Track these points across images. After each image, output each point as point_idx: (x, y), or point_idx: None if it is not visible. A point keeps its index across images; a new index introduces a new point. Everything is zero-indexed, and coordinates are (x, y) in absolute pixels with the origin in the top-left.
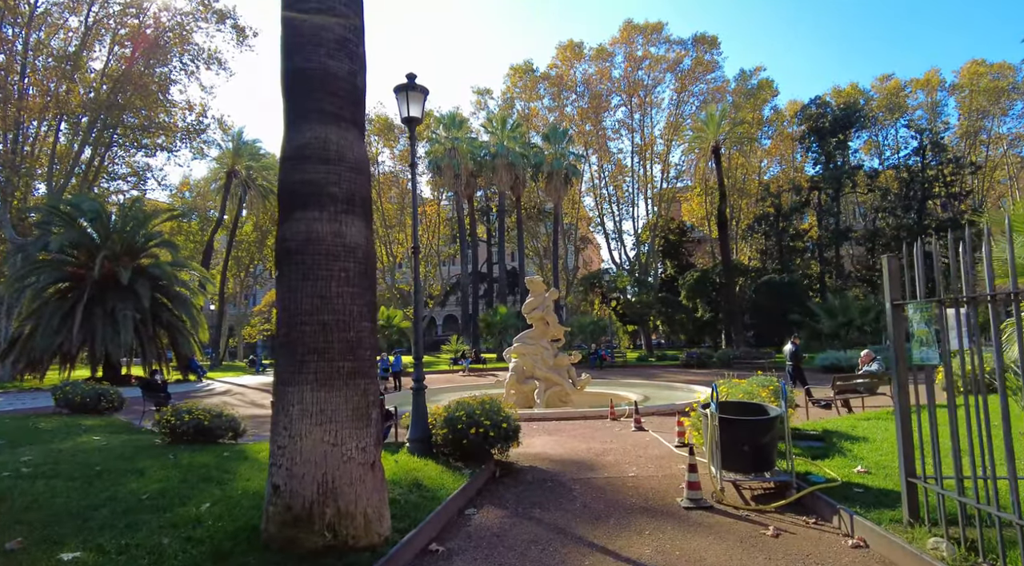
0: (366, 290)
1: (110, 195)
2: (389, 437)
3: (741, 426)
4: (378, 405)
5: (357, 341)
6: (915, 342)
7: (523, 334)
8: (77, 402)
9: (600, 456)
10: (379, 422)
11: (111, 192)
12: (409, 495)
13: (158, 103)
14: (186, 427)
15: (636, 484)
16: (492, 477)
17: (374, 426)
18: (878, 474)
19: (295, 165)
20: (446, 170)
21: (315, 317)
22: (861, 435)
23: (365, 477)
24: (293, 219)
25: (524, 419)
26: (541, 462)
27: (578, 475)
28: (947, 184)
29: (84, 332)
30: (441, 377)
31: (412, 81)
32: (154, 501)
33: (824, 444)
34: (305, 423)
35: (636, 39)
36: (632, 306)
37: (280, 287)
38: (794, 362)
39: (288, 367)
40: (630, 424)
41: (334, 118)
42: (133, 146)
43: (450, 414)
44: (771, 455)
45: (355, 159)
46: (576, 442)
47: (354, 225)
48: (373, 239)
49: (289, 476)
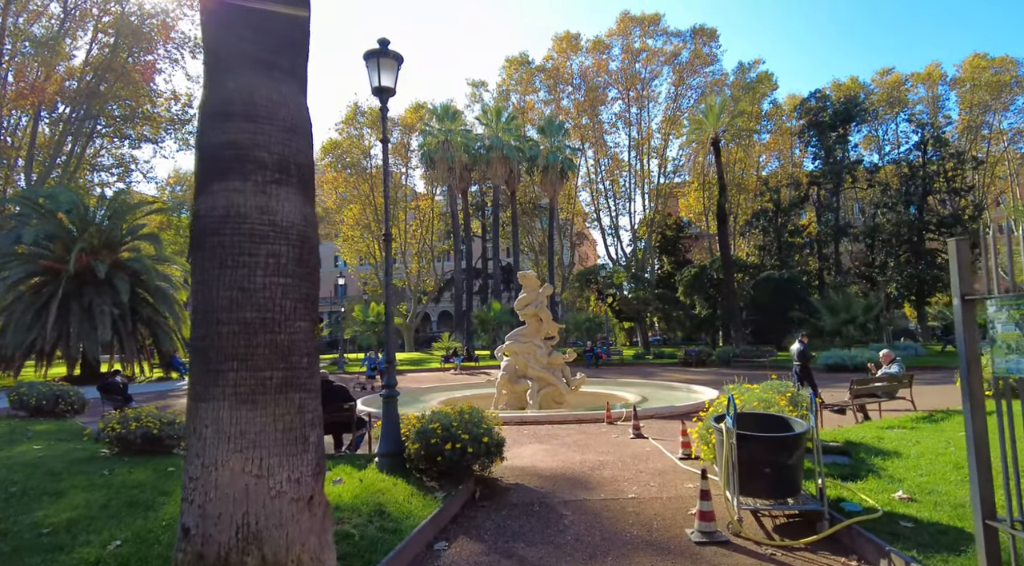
0: (303, 281)
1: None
2: (362, 447)
3: (762, 444)
4: (318, 425)
5: (290, 345)
6: (998, 348)
7: (516, 331)
8: (33, 404)
9: (596, 470)
10: (319, 446)
11: (96, 184)
12: (368, 526)
13: (142, 92)
14: (133, 436)
15: (637, 508)
16: (471, 499)
17: (313, 451)
18: (925, 502)
19: (214, 124)
20: (439, 163)
21: (235, 315)
22: (890, 449)
23: (299, 516)
24: (210, 191)
25: (515, 422)
26: (529, 478)
27: (570, 495)
28: (949, 179)
29: (59, 328)
30: (431, 376)
31: (385, 47)
32: (54, 537)
33: (850, 460)
34: (222, 449)
35: (633, 31)
36: (629, 303)
37: (193, 278)
38: (802, 362)
39: (201, 378)
40: (628, 429)
41: (264, 66)
42: (117, 137)
43: (423, 426)
44: (797, 478)
45: (291, 118)
46: (569, 452)
47: (288, 200)
48: (315, 219)
49: (202, 516)
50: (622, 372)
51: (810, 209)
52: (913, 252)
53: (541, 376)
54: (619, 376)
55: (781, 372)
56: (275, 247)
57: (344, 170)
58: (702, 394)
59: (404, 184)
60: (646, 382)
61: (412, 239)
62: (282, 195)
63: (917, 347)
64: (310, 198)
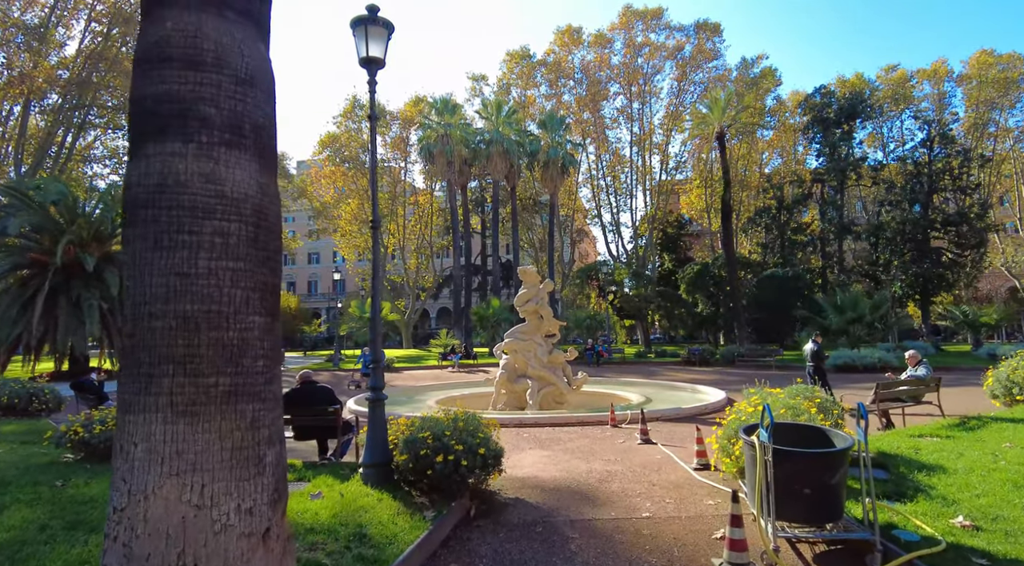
0: (259, 266)
1: (88, 179)
2: (348, 455)
3: (803, 461)
4: (278, 441)
5: (241, 344)
6: None
7: (515, 329)
8: (4, 403)
9: (604, 482)
10: (278, 468)
11: (89, 176)
12: (343, 557)
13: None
14: (97, 440)
15: (653, 531)
16: (465, 517)
17: (270, 474)
18: (994, 531)
19: (148, 71)
20: (438, 157)
21: (172, 307)
22: (931, 462)
23: (251, 555)
24: (144, 155)
25: (514, 424)
26: (530, 491)
27: (577, 513)
28: (955, 177)
29: (45, 322)
30: (428, 373)
31: (374, 14)
32: None
33: (889, 475)
34: (154, 473)
35: (636, 25)
36: (630, 300)
37: (126, 262)
38: (815, 362)
39: (131, 385)
40: (634, 433)
41: (214, 3)
42: (111, 127)
43: (412, 435)
44: (840, 500)
45: (247, 68)
46: (573, 459)
47: (240, 166)
48: (276, 191)
49: (127, 557)
50: (624, 371)
51: (813, 207)
52: (918, 251)
53: (541, 375)
54: (621, 375)
55: (788, 372)
56: (223, 224)
57: (342, 164)
58: (708, 395)
59: (403, 179)
60: (649, 382)
61: (411, 235)
62: (232, 160)
63: (928, 347)
64: (270, 166)
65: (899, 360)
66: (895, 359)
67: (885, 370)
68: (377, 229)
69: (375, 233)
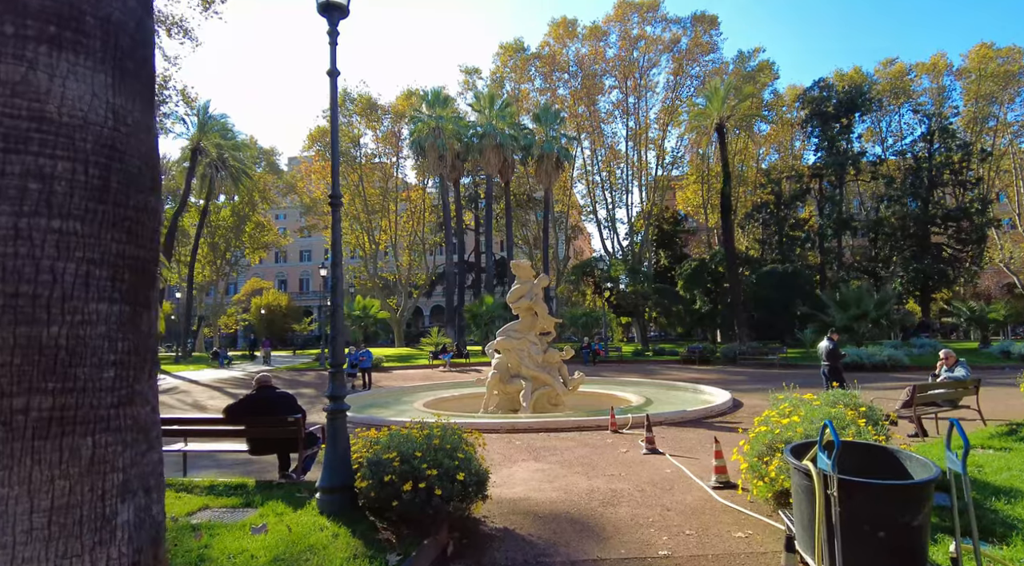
0: (108, 230)
1: None
2: (313, 471)
3: (876, 496)
4: (140, 491)
5: (74, 347)
6: None
7: (508, 326)
8: None
9: (608, 506)
10: (140, 528)
11: None
12: None
13: None
14: None
15: None
16: (441, 557)
17: (123, 542)
18: None
19: None
20: (430, 151)
21: None
22: (998, 482)
23: None
24: None
25: (506, 430)
26: (522, 520)
27: (579, 551)
28: (956, 172)
29: None
30: (418, 373)
31: None
32: None
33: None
34: None
35: (631, 17)
36: (627, 297)
37: None
38: (831, 362)
39: None
40: (637, 440)
41: None
42: None
43: (376, 455)
44: (923, 547)
45: None
46: (572, 475)
47: (78, 77)
48: (150, 123)
49: None
50: (621, 370)
51: (811, 202)
52: (918, 246)
53: (536, 375)
54: (619, 374)
55: (795, 371)
56: (43, 161)
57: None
58: (713, 395)
59: (395, 175)
60: (648, 381)
61: (403, 231)
62: (64, 67)
63: (934, 343)
64: (134, 86)
65: (909, 358)
66: (905, 357)
67: (895, 369)
68: (338, 208)
69: (335, 212)
